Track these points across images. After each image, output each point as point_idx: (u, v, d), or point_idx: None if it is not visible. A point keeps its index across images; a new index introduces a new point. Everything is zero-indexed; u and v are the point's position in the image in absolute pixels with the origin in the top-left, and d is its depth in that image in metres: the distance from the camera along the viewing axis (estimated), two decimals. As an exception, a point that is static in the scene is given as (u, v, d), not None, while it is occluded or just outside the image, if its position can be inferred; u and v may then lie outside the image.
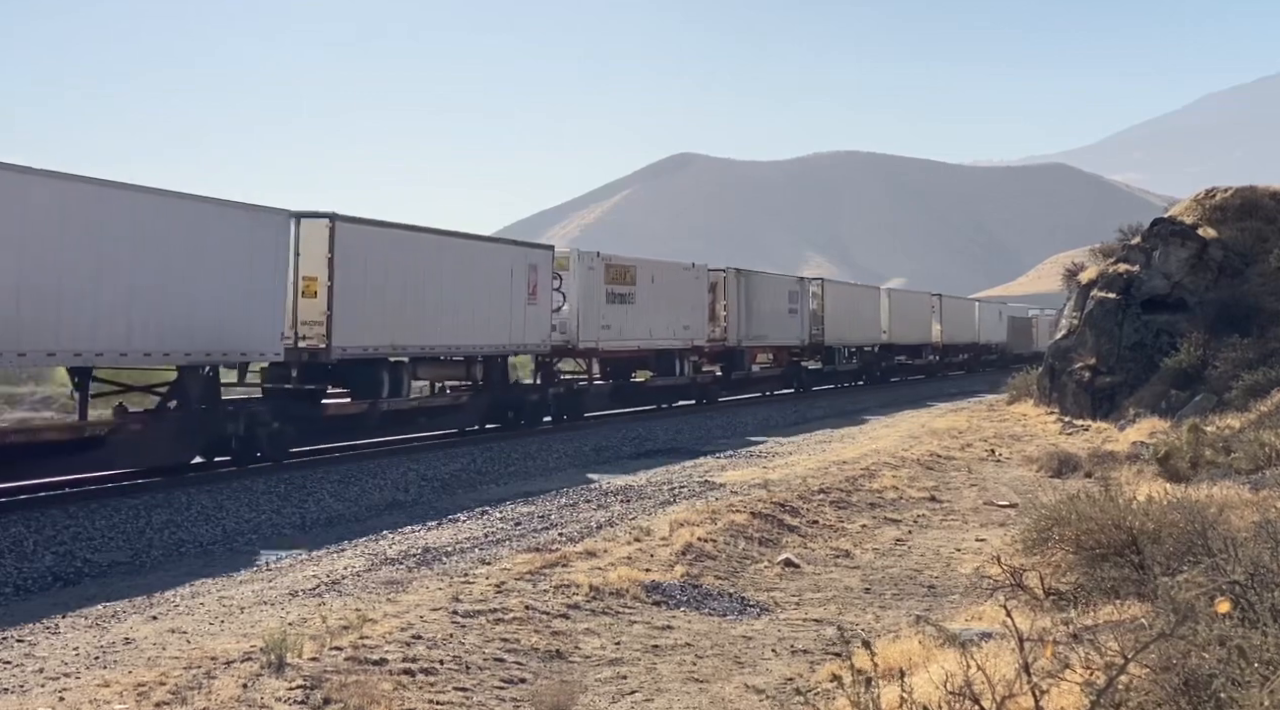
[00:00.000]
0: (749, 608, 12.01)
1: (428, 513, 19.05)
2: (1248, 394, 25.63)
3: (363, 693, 8.11)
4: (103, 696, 8.27)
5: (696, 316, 40.11)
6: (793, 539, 15.73)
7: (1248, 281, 32.39)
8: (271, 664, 8.57)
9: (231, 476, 21.29)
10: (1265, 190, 35.77)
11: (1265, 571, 6.97)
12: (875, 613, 11.84)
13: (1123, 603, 9.27)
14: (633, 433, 32.05)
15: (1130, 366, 32.41)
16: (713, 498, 18.74)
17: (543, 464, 26.07)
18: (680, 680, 9.24)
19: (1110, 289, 34.17)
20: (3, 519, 16.46)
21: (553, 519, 17.83)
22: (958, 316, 72.89)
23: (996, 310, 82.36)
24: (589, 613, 11.07)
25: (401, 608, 10.84)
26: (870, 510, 18.29)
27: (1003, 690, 5.64)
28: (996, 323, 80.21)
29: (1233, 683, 5.51)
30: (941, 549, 15.49)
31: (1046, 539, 11.67)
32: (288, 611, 11.52)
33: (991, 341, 79.08)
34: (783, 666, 9.67)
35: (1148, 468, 19.19)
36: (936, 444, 27.33)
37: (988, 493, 20.71)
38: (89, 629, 11.15)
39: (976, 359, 76.56)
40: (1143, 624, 6.96)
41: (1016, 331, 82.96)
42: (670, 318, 38.17)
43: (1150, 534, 10.38)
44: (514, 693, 8.74)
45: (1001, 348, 79.15)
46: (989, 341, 78.92)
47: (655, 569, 12.92)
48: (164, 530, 17.08)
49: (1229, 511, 11.85)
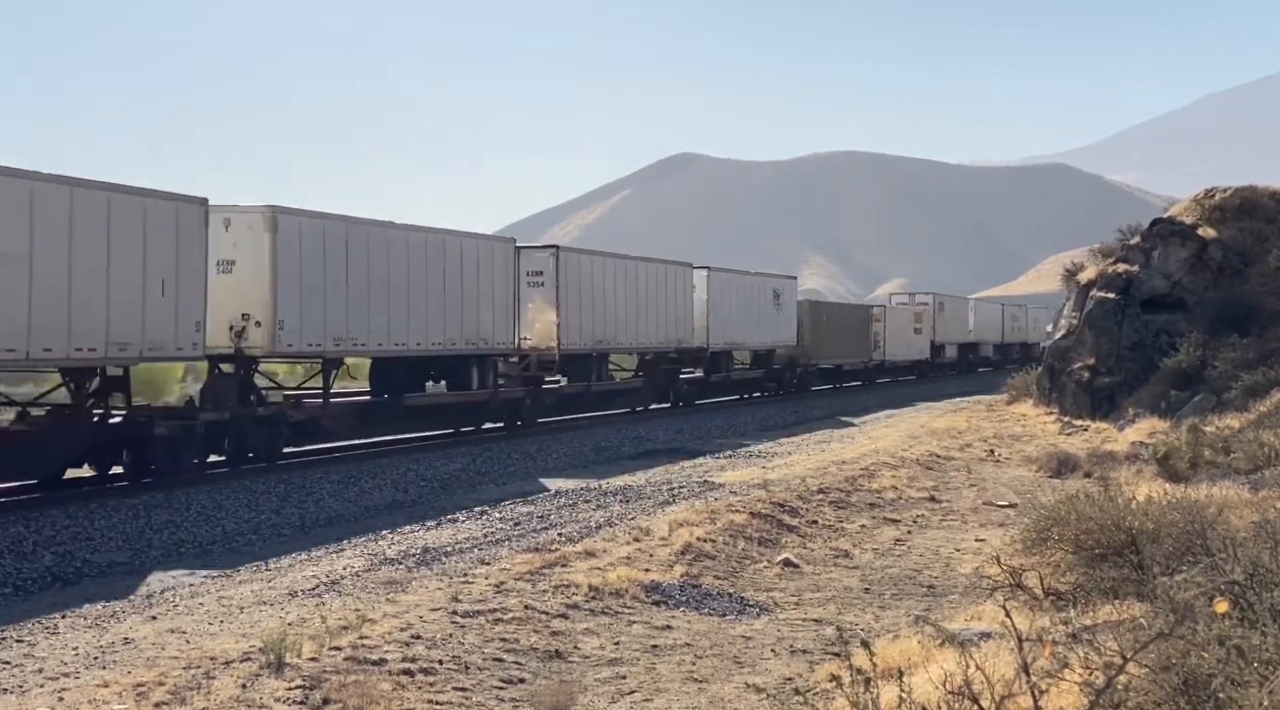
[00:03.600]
0: (748, 608, 12.01)
1: (427, 513, 19.05)
2: (1247, 394, 25.62)
3: (362, 693, 8.11)
4: (102, 697, 8.27)
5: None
6: (792, 539, 15.73)
7: (1247, 281, 32.38)
8: (271, 664, 8.57)
9: (231, 476, 21.30)
10: (1265, 190, 35.77)
11: (1264, 571, 6.97)
12: (874, 613, 11.84)
13: (1122, 603, 9.27)
14: (633, 433, 32.07)
15: (1130, 366, 32.40)
16: (712, 498, 18.74)
17: (542, 464, 26.07)
18: (679, 680, 9.24)
19: (1110, 289, 34.16)
20: (3, 519, 16.47)
21: (552, 519, 17.83)
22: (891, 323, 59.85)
23: (908, 317, 63.85)
24: (588, 613, 11.07)
25: (401, 608, 10.84)
26: (869, 510, 18.29)
27: (1002, 690, 5.64)
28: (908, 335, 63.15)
29: (1232, 683, 5.51)
30: (941, 549, 15.49)
31: (1046, 539, 11.67)
32: (287, 611, 11.52)
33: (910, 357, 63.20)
34: (782, 666, 9.67)
35: (1147, 468, 19.19)
36: (936, 444, 27.32)
37: (987, 493, 20.71)
38: (88, 629, 11.15)
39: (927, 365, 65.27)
40: (1142, 624, 6.95)
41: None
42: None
43: (1149, 534, 10.38)
44: (513, 693, 8.74)
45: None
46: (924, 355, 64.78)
47: (654, 569, 12.92)
48: (164, 530, 17.07)
49: (1228, 511, 11.85)
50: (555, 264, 32.26)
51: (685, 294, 39.54)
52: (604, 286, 34.64)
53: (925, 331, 64.52)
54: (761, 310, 45.37)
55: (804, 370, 49.84)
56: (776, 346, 47.24)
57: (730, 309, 42.73)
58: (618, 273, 35.82)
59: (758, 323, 45.09)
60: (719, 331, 41.71)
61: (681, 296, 39.24)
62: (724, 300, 42.34)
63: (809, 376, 50.58)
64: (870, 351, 56.87)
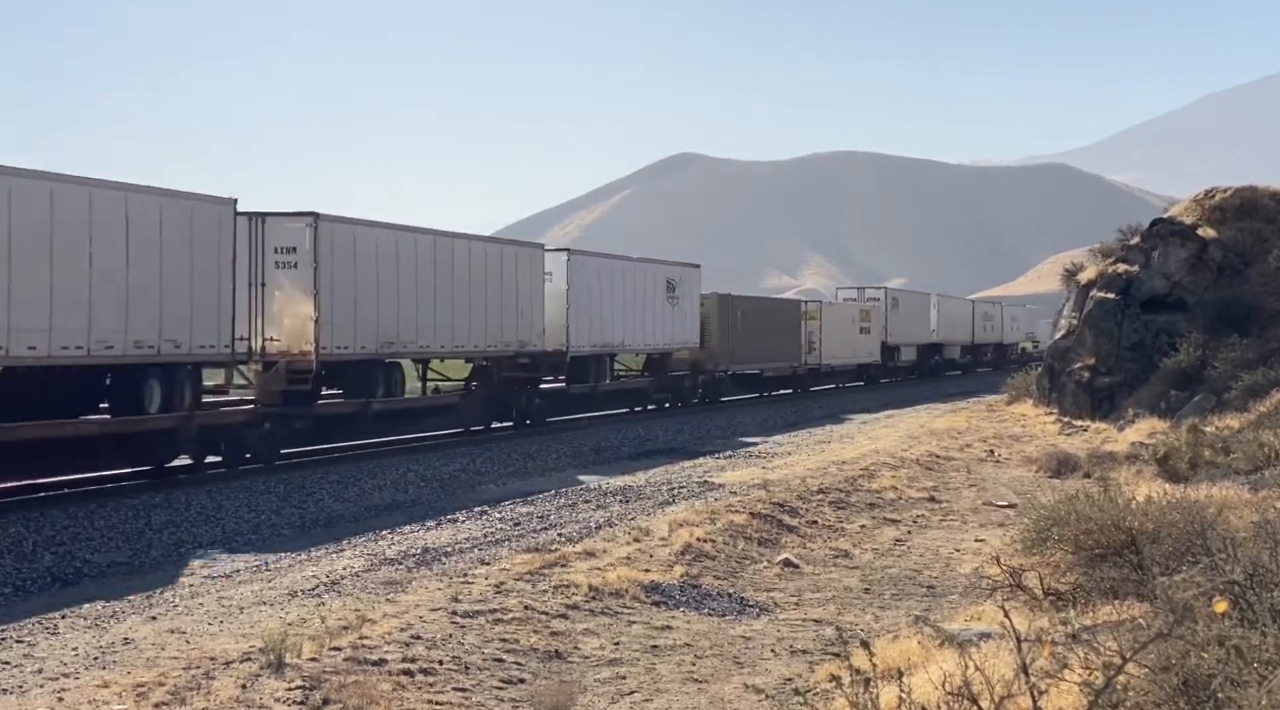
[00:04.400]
0: (748, 608, 12.01)
1: (427, 513, 19.06)
2: (1247, 394, 25.61)
3: (362, 693, 8.11)
4: (102, 697, 8.27)
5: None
6: (792, 539, 15.73)
7: (1247, 281, 32.38)
8: (271, 664, 8.57)
9: (230, 476, 21.31)
10: (1265, 190, 35.77)
11: (1264, 572, 6.97)
12: (874, 613, 11.84)
13: (1122, 603, 9.27)
14: (633, 433, 32.07)
15: (1129, 367, 32.41)
16: (712, 498, 18.75)
17: (542, 464, 26.08)
18: (679, 680, 9.24)
19: (1110, 289, 34.16)
20: (3, 519, 16.47)
21: (552, 519, 17.85)
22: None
23: (851, 314, 55.99)
24: (588, 613, 11.07)
25: (401, 608, 10.84)
26: (869, 510, 18.29)
27: (1001, 690, 5.64)
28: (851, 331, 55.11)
29: (1231, 683, 5.51)
30: (940, 549, 15.49)
31: (1045, 539, 11.67)
32: (287, 612, 11.53)
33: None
34: (782, 666, 9.67)
35: (1147, 468, 19.19)
36: (935, 444, 27.33)
37: (987, 493, 20.71)
38: (88, 629, 11.16)
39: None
40: (1141, 624, 6.95)
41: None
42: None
43: (1149, 534, 10.38)
44: (513, 693, 8.74)
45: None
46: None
47: (654, 569, 12.92)
48: (164, 530, 17.08)
49: (1228, 512, 11.84)
50: (314, 237, 23.28)
51: (533, 283, 31.20)
52: (397, 270, 25.79)
53: (875, 331, 56.45)
54: (650, 305, 37.48)
55: (710, 377, 41.88)
56: (673, 349, 39.32)
57: (602, 303, 34.53)
58: (419, 253, 26.79)
59: (645, 320, 37.06)
60: (584, 330, 33.59)
61: (528, 286, 30.85)
62: (592, 291, 34.08)
63: (717, 384, 42.66)
64: (802, 354, 49.01)
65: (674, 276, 39.69)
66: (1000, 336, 78.13)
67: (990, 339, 76.25)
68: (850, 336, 53.97)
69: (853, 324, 54.52)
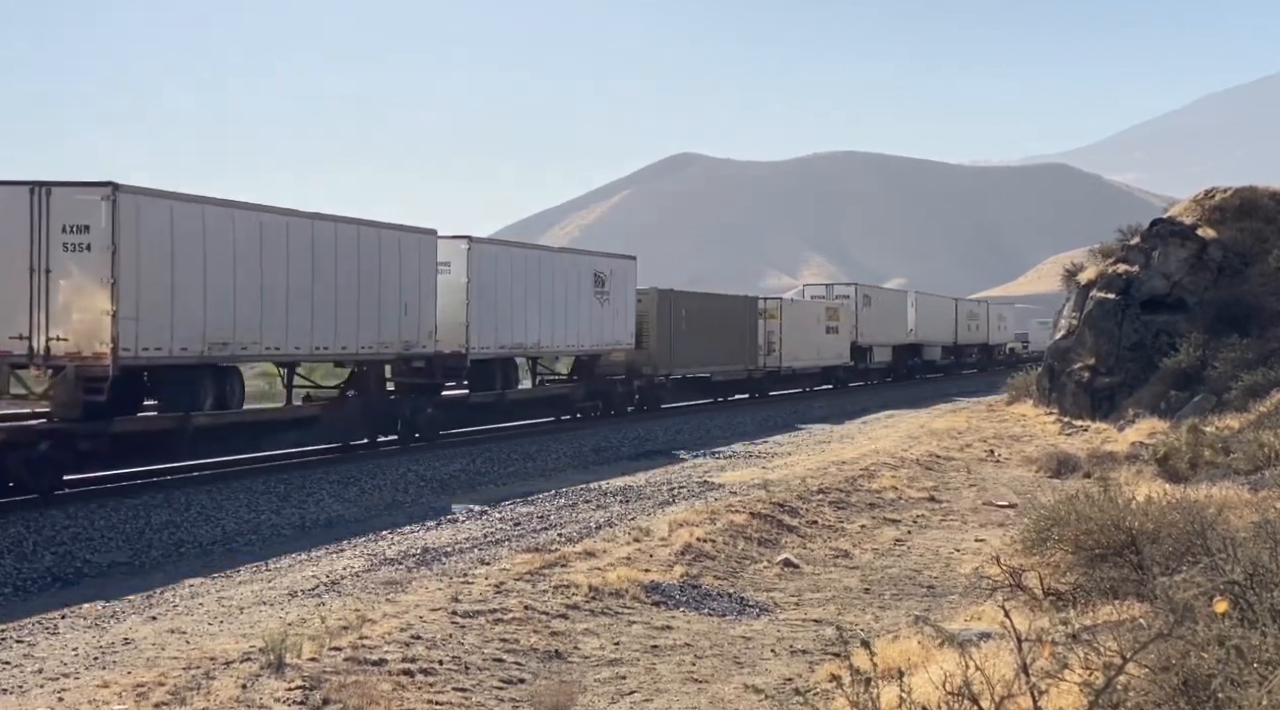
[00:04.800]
0: (748, 608, 12.01)
1: (427, 513, 19.07)
2: (1247, 394, 25.63)
3: (362, 693, 8.11)
4: (102, 697, 8.27)
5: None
6: (792, 539, 15.73)
7: (1247, 281, 32.40)
8: (271, 664, 8.57)
9: (231, 476, 21.30)
10: (1265, 190, 35.80)
11: (1264, 572, 6.97)
12: (874, 613, 11.84)
13: (1122, 603, 9.27)
14: (633, 433, 32.07)
15: (1129, 367, 32.42)
16: (712, 498, 18.75)
17: (542, 464, 26.08)
18: (679, 680, 9.24)
19: (1110, 289, 34.18)
20: (3, 519, 16.47)
21: (552, 519, 17.85)
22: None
23: (815, 312, 51.84)
24: (588, 613, 11.08)
25: (401, 608, 10.85)
26: (869, 510, 18.29)
27: (1001, 690, 5.65)
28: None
29: (1231, 683, 5.51)
30: (941, 549, 15.49)
31: (1045, 539, 11.68)
32: (287, 612, 11.53)
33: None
34: (782, 667, 9.67)
35: (1147, 468, 19.20)
36: (935, 444, 27.34)
37: (987, 493, 20.71)
38: (88, 629, 11.16)
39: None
40: (1141, 624, 6.96)
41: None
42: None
43: (1149, 534, 10.38)
44: (513, 693, 8.74)
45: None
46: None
47: (654, 569, 12.92)
48: (164, 530, 17.08)
49: (1228, 512, 11.85)
50: (111, 214, 18.95)
51: (423, 275, 26.66)
52: (233, 257, 21.25)
53: (844, 331, 52.64)
54: (574, 301, 32.93)
55: (648, 382, 37.38)
56: (602, 351, 34.78)
57: (512, 298, 29.95)
58: (266, 236, 21.94)
59: (567, 318, 32.53)
60: (489, 330, 29.04)
61: (416, 278, 26.31)
62: (499, 285, 29.47)
63: (657, 390, 38.11)
64: (758, 356, 44.97)
65: (603, 269, 34.90)
66: (986, 337, 75.17)
67: (975, 339, 73.17)
68: (815, 337, 50.22)
69: (818, 323, 50.70)
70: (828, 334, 51.14)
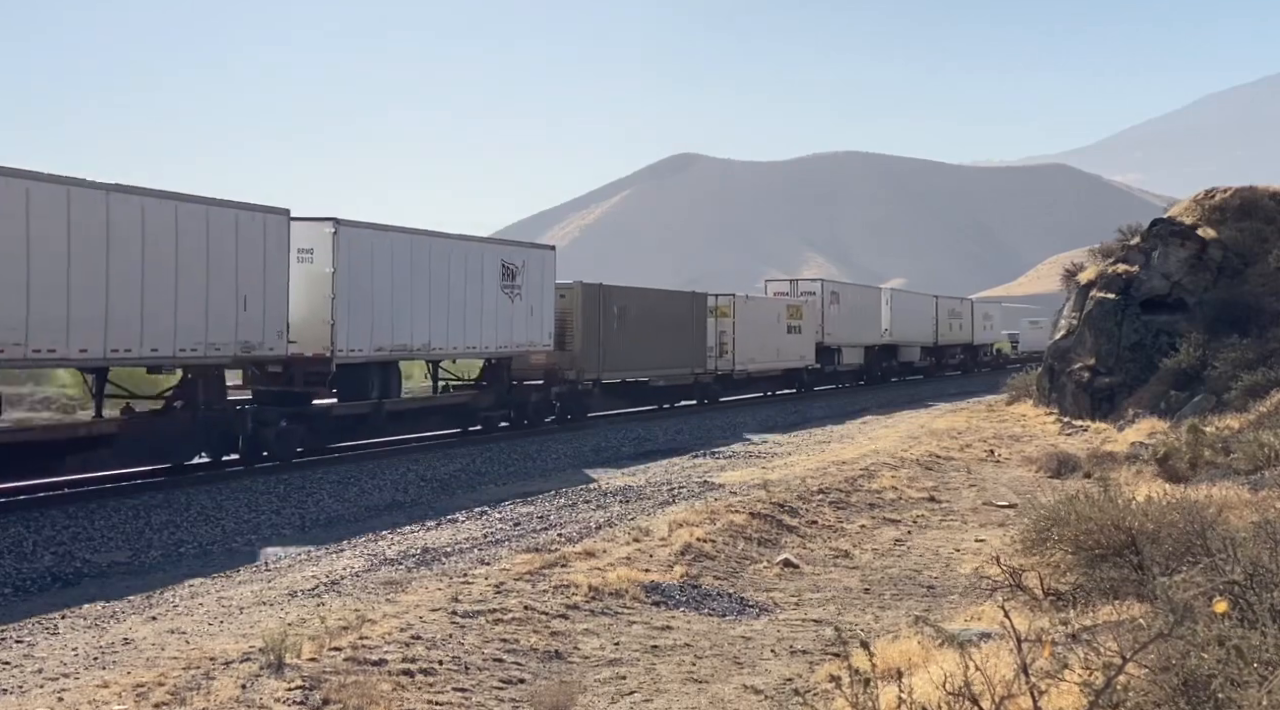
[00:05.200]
0: (748, 608, 12.01)
1: (427, 513, 19.06)
2: (1247, 394, 25.64)
3: (362, 693, 8.11)
4: (101, 697, 8.27)
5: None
6: (792, 539, 15.73)
7: (1247, 281, 32.42)
8: (270, 664, 8.57)
9: (231, 476, 21.30)
10: (1265, 190, 35.82)
11: (1264, 572, 6.97)
12: (874, 613, 11.84)
13: (1122, 603, 9.28)
14: (632, 433, 32.07)
15: (1129, 367, 32.43)
16: (712, 498, 18.75)
17: (542, 464, 26.08)
18: (679, 680, 9.24)
19: (1109, 289, 34.19)
20: (3, 519, 16.47)
21: (552, 519, 17.85)
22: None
23: (775, 310, 47.69)
24: (588, 613, 11.07)
25: (401, 608, 10.85)
26: (869, 511, 18.29)
27: (1001, 691, 5.65)
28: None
29: (1231, 683, 5.52)
30: (940, 549, 15.49)
31: (1045, 539, 11.68)
32: (287, 612, 11.53)
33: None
34: (782, 667, 9.67)
35: (1147, 468, 19.21)
36: (935, 444, 27.34)
37: (987, 493, 20.71)
38: (88, 629, 11.16)
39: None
40: (1141, 624, 6.96)
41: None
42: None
43: (1149, 534, 10.39)
44: (513, 693, 8.74)
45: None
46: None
47: (654, 569, 12.92)
48: (163, 530, 17.07)
49: (1228, 512, 11.85)
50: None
51: (270, 263, 22.27)
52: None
53: (808, 330, 48.73)
54: (476, 296, 28.33)
55: (571, 388, 32.90)
56: (514, 353, 30.17)
57: (393, 292, 25.39)
58: (34, 211, 17.60)
59: (466, 316, 27.90)
60: (362, 329, 24.50)
61: (260, 267, 21.99)
62: (377, 277, 24.91)
63: (582, 398, 33.79)
64: (707, 358, 41.03)
65: (513, 260, 30.01)
66: (970, 337, 71.37)
67: (958, 339, 69.28)
68: (775, 337, 46.15)
69: (778, 322, 46.61)
70: (789, 334, 47.45)
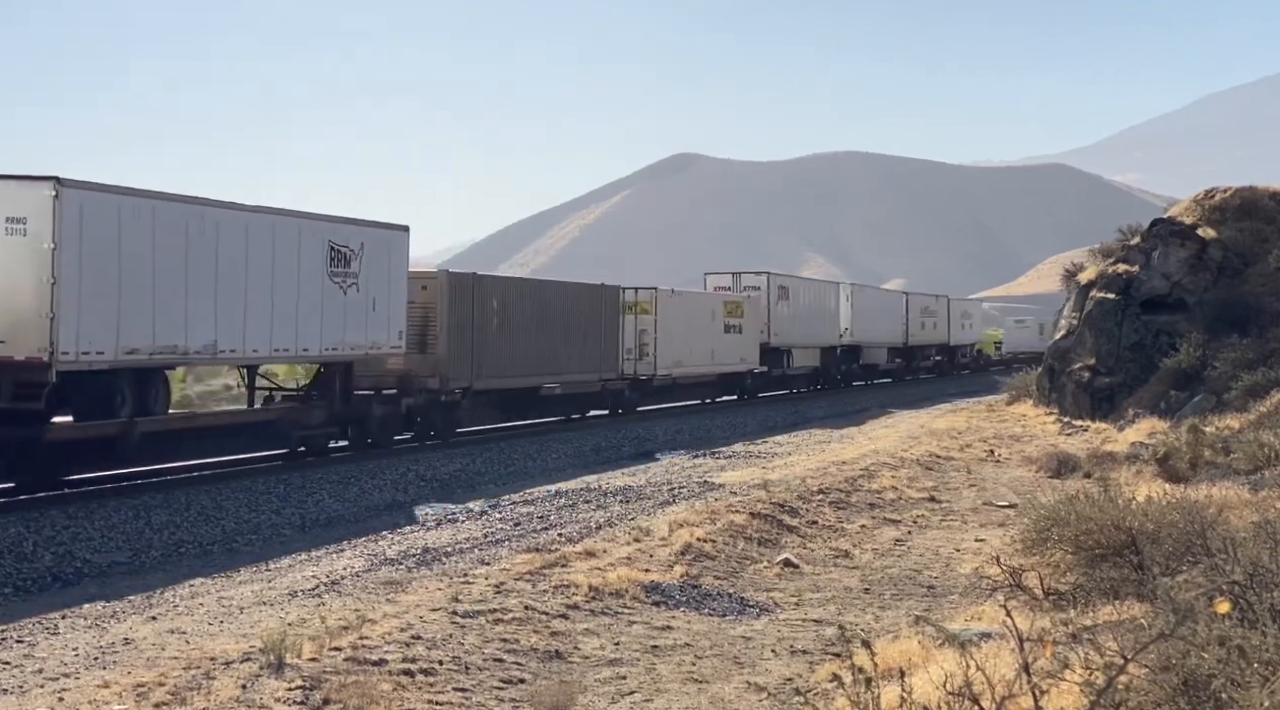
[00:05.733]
0: (748, 608, 12.01)
1: (426, 513, 19.05)
2: (1247, 394, 25.63)
3: (362, 693, 8.11)
4: (102, 697, 8.27)
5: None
6: (792, 539, 15.73)
7: (1247, 282, 32.40)
8: (271, 664, 8.57)
9: (231, 477, 21.29)
10: (1265, 190, 35.79)
11: (1264, 572, 6.97)
12: (875, 613, 11.84)
13: (1122, 603, 9.28)
14: (632, 433, 32.06)
15: (1129, 367, 32.42)
16: (712, 498, 18.74)
17: (542, 464, 26.08)
18: (680, 680, 9.23)
19: (1109, 289, 34.18)
20: (3, 519, 16.46)
21: (552, 519, 17.85)
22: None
23: (709, 306, 41.49)
24: (588, 613, 11.07)
25: (401, 608, 10.85)
26: (869, 511, 18.29)
27: (1002, 690, 5.64)
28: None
29: (1232, 683, 5.52)
30: (941, 549, 15.49)
31: (1046, 539, 11.68)
32: (287, 612, 11.53)
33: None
34: (782, 666, 9.67)
35: (1147, 468, 19.19)
36: (935, 444, 27.33)
37: (987, 493, 20.71)
38: (88, 629, 11.16)
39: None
40: (1142, 624, 6.96)
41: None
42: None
43: (1149, 534, 10.38)
44: (513, 693, 8.74)
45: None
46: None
47: (654, 569, 12.92)
48: (164, 530, 17.07)
49: (1228, 512, 11.85)
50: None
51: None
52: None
53: (750, 330, 42.80)
54: (291, 285, 21.99)
55: (433, 399, 26.66)
56: (345, 357, 23.93)
57: (156, 276, 19.09)
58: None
59: (274, 309, 21.63)
60: (104, 324, 18.25)
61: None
62: (128, 256, 18.52)
63: (449, 410, 27.42)
64: (622, 362, 35.13)
65: (346, 241, 23.47)
66: (946, 337, 65.64)
67: (933, 340, 63.50)
68: (709, 337, 39.97)
69: (713, 320, 40.45)
70: (727, 333, 41.38)
